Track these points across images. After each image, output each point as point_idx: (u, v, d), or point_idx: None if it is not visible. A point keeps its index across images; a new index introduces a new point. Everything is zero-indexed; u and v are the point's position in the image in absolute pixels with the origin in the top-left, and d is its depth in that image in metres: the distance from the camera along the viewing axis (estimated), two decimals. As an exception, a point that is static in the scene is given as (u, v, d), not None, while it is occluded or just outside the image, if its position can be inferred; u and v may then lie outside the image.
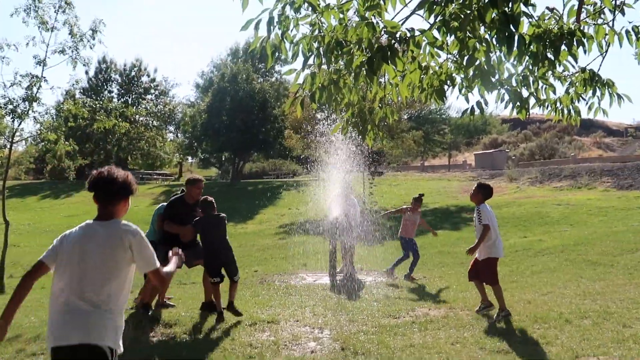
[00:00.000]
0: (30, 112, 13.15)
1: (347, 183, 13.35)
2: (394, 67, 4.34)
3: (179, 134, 76.70)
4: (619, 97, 5.25)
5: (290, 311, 9.07)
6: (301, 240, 18.90)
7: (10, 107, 13.08)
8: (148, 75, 77.33)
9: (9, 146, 14.20)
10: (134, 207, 40.54)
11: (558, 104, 5.35)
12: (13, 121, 13.47)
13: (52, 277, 3.93)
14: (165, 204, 9.74)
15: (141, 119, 68.50)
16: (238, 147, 50.17)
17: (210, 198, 8.99)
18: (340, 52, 4.41)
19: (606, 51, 5.13)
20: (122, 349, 3.93)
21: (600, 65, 5.37)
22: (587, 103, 5.36)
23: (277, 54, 4.74)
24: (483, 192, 8.94)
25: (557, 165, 40.12)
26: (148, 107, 67.81)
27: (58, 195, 48.57)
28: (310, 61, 4.67)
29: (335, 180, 13.57)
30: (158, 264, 3.96)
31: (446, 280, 11.67)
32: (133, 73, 75.71)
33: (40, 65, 13.03)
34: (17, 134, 13.72)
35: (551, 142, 59.91)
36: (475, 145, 70.00)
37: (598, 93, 5.21)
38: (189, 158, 78.06)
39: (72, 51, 13.11)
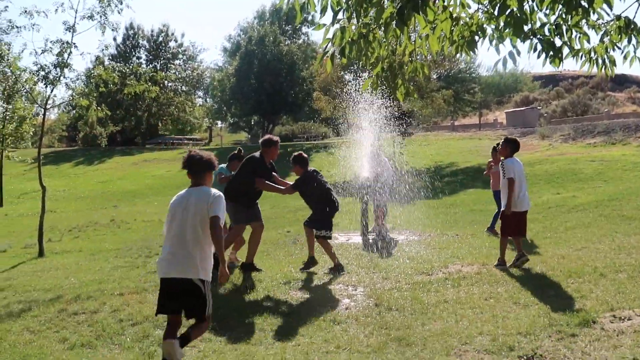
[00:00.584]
0: (61, 78, 13.27)
1: (378, 143, 13.29)
2: (424, 16, 4.26)
3: (207, 99, 77.03)
4: (656, 44, 5.12)
5: (323, 270, 9.15)
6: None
7: (42, 73, 13.20)
8: (175, 41, 77.44)
9: (42, 113, 14.35)
10: (166, 172, 41.01)
11: (592, 54, 5.23)
12: (45, 87, 13.62)
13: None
14: (224, 165, 9.82)
15: (170, 84, 68.77)
16: (267, 110, 50.22)
17: (304, 154, 9.24)
18: (370, 4, 4.36)
19: (643, -3, 5.00)
20: (210, 278, 5.36)
21: (636, 12, 5.23)
22: (622, 52, 5.23)
23: (305, 9, 4.69)
24: (510, 147, 9.04)
25: (591, 121, 39.42)
26: (177, 72, 67.93)
27: (91, 162, 49.25)
28: (340, 15, 4.62)
29: (365, 141, 13.53)
30: (221, 216, 5.22)
31: (479, 238, 11.64)
32: (160, 39, 75.83)
33: (69, 31, 13.08)
34: (50, 100, 13.84)
35: (584, 98, 58.73)
36: (506, 103, 68.93)
37: (634, 41, 5.09)
38: (219, 122, 78.52)
39: (101, 16, 13.12)
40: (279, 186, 9.23)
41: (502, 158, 9.27)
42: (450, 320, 6.35)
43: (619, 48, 5.27)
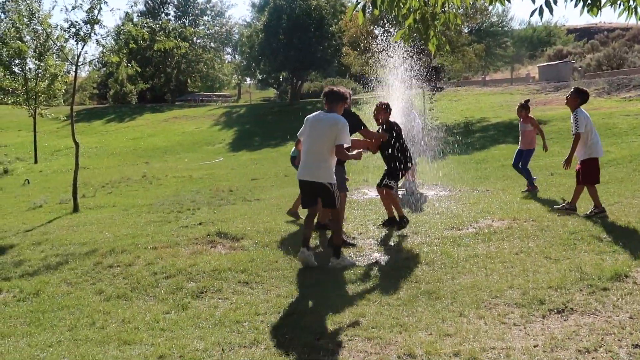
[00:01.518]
0: (92, 34, 13.29)
1: (408, 98, 13.15)
2: (459, -35, 4.18)
3: (236, 55, 76.71)
4: (699, -8, 4.95)
5: (353, 225, 9.20)
6: (362, 157, 18.92)
7: (73, 30, 13.24)
8: (203, -4, 76.87)
9: (74, 70, 14.44)
10: (196, 129, 41.24)
11: (631, 2, 5.08)
12: (77, 44, 13.66)
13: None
14: None
15: (198, 41, 68.58)
16: (296, 66, 49.89)
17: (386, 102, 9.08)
18: (403, -47, 4.28)
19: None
20: (335, 181, 7.06)
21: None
22: (663, 0, 5.07)
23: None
24: (581, 97, 9.22)
25: (626, 75, 38.55)
26: (206, 28, 67.63)
27: (122, 119, 49.67)
28: (372, -34, 4.55)
29: (395, 96, 13.41)
30: (347, 142, 7.08)
31: (509, 193, 11.55)
32: (189, -6, 75.33)
33: (99, -14, 13.07)
34: (81, 58, 13.89)
35: (620, 51, 57.26)
36: (539, 57, 67.67)
37: (676, -12, 4.93)
38: (247, 79, 78.34)
39: (130, -30, 13.09)
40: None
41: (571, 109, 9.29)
42: (480, 274, 6.37)
43: (660, -5, 5.10)
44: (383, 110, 8.79)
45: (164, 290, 6.40)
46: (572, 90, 9.32)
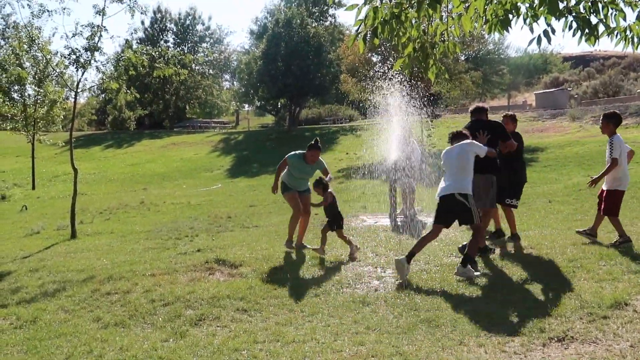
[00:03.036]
0: (92, 61, 13.39)
1: (406, 126, 13.21)
2: (459, -5, 4.23)
3: (234, 82, 77.21)
4: (694, 22, 5.00)
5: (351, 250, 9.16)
6: (360, 184, 18.96)
7: (74, 57, 13.33)
8: (203, 24, 77.86)
9: (73, 96, 14.51)
10: (194, 155, 41.31)
11: (628, 32, 5.13)
12: (76, 70, 13.75)
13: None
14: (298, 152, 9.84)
15: (197, 67, 69.02)
16: (294, 93, 50.18)
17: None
18: (403, -17, 4.33)
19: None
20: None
21: (675, -11, 5.11)
22: (658, 30, 5.13)
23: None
24: (614, 122, 8.87)
25: (622, 102, 38.79)
26: (205, 55, 68.10)
27: (120, 145, 49.76)
28: (372, -4, 4.60)
29: (393, 124, 13.47)
30: (482, 152, 7.82)
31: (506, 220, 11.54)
32: (188, 22, 76.14)
33: (99, 14, 13.17)
34: (80, 84, 13.96)
35: (615, 79, 57.68)
36: (535, 85, 68.13)
37: (671, 19, 4.98)
38: (245, 106, 78.72)
39: (130, -1, 13.19)
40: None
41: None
42: (480, 302, 6.34)
43: (656, 26, 5.16)
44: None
45: (162, 317, 6.36)
46: (602, 116, 9.12)
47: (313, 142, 9.81)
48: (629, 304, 5.86)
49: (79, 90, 14.07)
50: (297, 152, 9.92)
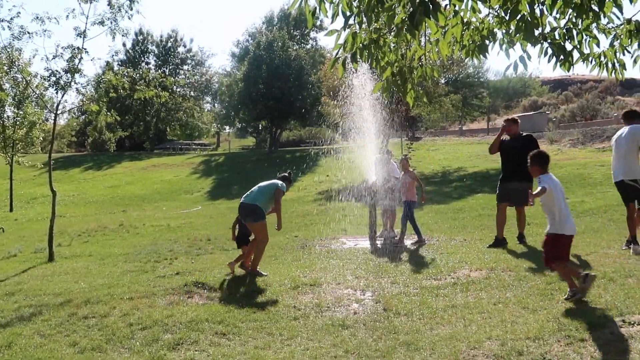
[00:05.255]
0: (72, 83, 13.36)
1: (386, 148, 13.29)
2: (435, 21, 4.29)
3: (216, 104, 77.30)
4: (666, 49, 5.12)
5: (331, 274, 9.16)
6: (340, 206, 18.98)
7: (54, 79, 13.29)
8: (184, 46, 78.02)
9: (53, 118, 14.44)
10: (175, 177, 41.13)
11: (602, 58, 5.23)
12: (56, 92, 13.70)
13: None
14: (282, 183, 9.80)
15: (179, 89, 69.03)
16: (275, 115, 50.32)
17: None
18: (381, 9, 4.38)
19: (653, 1, 4.99)
20: None
21: (646, 16, 5.23)
22: (632, 56, 5.24)
23: (316, 14, 4.71)
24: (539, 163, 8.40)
25: (600, 126, 39.29)
26: (186, 77, 68.21)
27: (100, 167, 49.43)
28: (351, 21, 4.65)
29: (373, 146, 13.54)
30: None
31: (487, 243, 11.61)
32: (169, 44, 76.28)
33: (80, 37, 13.17)
34: (60, 106, 13.91)
35: (593, 102, 58.57)
36: (514, 108, 68.94)
37: (644, 45, 5.09)
38: (226, 128, 78.69)
39: (111, 22, 13.21)
40: None
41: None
42: (459, 325, 6.35)
43: (629, 52, 5.27)
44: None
45: (140, 342, 6.30)
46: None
47: (289, 175, 9.96)
48: (606, 327, 5.90)
49: (58, 112, 14.01)
50: (281, 182, 9.83)
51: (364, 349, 5.76)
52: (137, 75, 14.12)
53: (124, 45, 74.16)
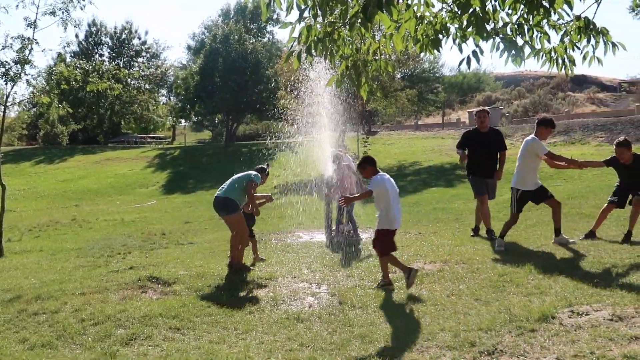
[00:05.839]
0: (22, 74, 13.06)
1: (342, 142, 13.32)
2: (389, 15, 4.30)
3: (171, 97, 76.39)
4: (614, 45, 5.24)
5: (287, 268, 9.17)
6: (296, 200, 18.97)
7: (2, 70, 12.98)
8: (139, 38, 76.80)
9: (2, 110, 14.10)
10: (129, 171, 40.57)
11: (552, 54, 5.33)
12: (6, 84, 13.38)
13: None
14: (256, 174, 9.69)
15: (133, 82, 67.98)
16: (231, 109, 49.98)
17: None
18: (335, 3, 4.38)
19: (601, -2, 5.11)
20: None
21: (595, 12, 5.35)
22: (581, 52, 5.35)
23: (271, 7, 4.68)
24: (373, 164, 7.84)
25: (551, 121, 39.98)
26: (141, 70, 67.22)
27: (52, 161, 48.45)
28: (306, 14, 4.64)
29: (329, 140, 13.56)
30: None
31: (441, 236, 11.75)
32: (124, 36, 75.01)
33: (31, 27, 12.89)
34: (10, 98, 13.59)
35: (545, 98, 59.65)
36: (468, 103, 69.76)
37: (592, 41, 5.20)
38: (182, 121, 77.86)
39: (63, 12, 12.96)
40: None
41: None
42: (413, 317, 6.42)
43: (578, 48, 5.39)
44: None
45: (92, 337, 6.20)
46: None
47: (267, 167, 10.10)
48: (556, 317, 6.02)
49: (8, 104, 13.68)
50: (255, 173, 9.76)
51: (319, 342, 5.78)
52: (90, 67, 13.87)
53: (76, 36, 72.70)
